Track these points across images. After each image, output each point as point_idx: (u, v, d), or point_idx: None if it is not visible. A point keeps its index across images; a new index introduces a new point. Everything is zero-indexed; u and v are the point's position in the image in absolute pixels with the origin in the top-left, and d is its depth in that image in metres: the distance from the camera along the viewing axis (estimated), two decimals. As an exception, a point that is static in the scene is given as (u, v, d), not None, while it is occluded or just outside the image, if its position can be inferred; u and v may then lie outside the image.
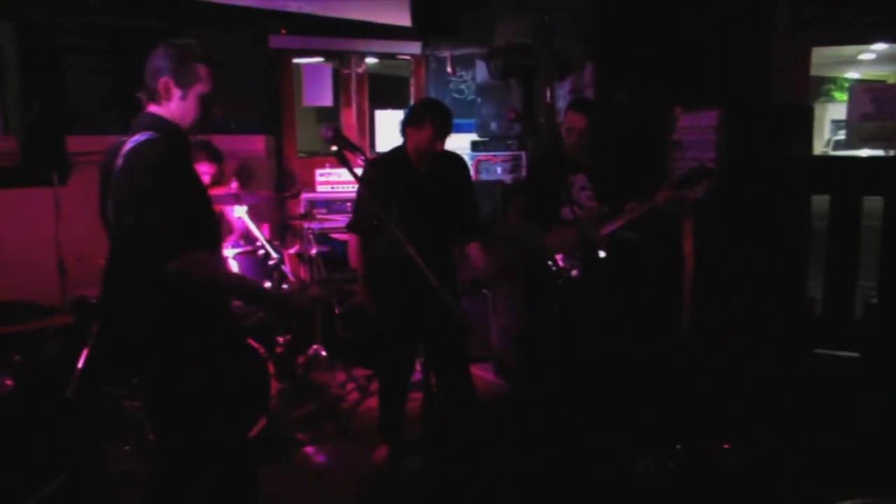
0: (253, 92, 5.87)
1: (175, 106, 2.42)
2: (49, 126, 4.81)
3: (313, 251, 4.81)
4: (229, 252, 4.23)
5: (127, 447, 3.58)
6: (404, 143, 3.42)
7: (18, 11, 4.65)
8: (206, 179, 4.61)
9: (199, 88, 2.43)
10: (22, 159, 4.66)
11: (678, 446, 3.51)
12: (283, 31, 5.83)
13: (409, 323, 3.46)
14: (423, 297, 3.19)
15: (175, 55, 2.40)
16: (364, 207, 3.50)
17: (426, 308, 3.21)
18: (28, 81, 4.78)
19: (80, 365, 3.67)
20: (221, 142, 4.58)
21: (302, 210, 5.27)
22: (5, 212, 4.53)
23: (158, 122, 2.40)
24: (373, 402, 4.46)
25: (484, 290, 5.09)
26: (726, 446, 3.46)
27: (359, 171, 2.70)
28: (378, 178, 3.30)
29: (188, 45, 2.43)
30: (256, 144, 5.91)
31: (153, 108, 2.43)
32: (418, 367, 3.83)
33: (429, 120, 3.24)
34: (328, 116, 6.88)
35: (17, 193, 4.61)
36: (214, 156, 4.42)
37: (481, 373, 4.85)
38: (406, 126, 3.36)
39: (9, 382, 3.22)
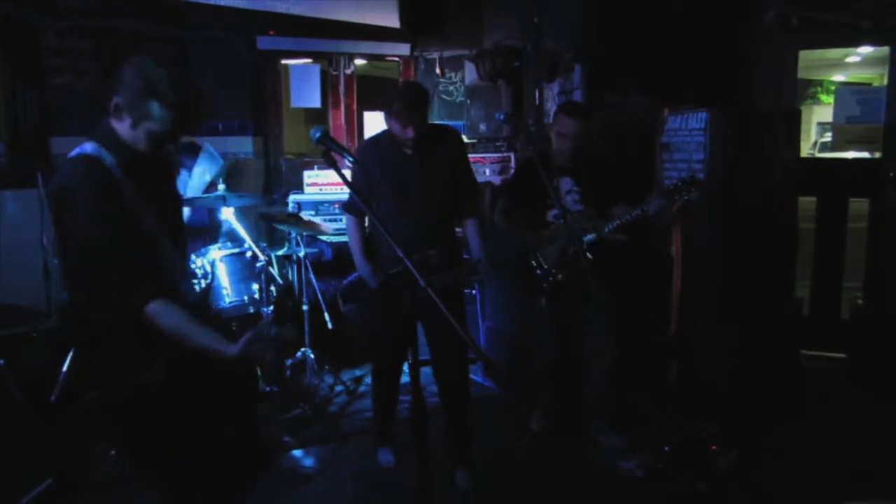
0: (241, 93, 5.87)
1: (125, 130, 2.26)
2: (34, 128, 4.77)
3: (301, 253, 4.79)
4: (216, 254, 4.20)
5: (113, 451, 3.55)
6: None
7: (1, 12, 4.61)
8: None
9: (150, 126, 2.24)
10: (7, 161, 4.62)
11: (666, 448, 3.52)
12: (272, 32, 5.82)
13: (403, 319, 3.38)
14: (418, 292, 3.15)
15: (133, 86, 2.20)
16: (357, 188, 3.45)
17: (422, 304, 3.18)
18: (12, 83, 4.74)
19: (64, 369, 3.65)
20: (209, 143, 4.56)
21: (290, 211, 5.25)
22: (-10, 214, 4.50)
23: (110, 138, 2.26)
24: (361, 404, 4.45)
25: (473, 292, 5.09)
26: (714, 448, 3.47)
27: (346, 173, 2.67)
28: (370, 157, 3.27)
29: (152, 79, 2.22)
30: (244, 146, 5.89)
31: (112, 121, 2.27)
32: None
33: (395, 105, 3.15)
34: (317, 118, 6.85)
35: (3, 196, 4.57)
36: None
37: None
38: (384, 110, 3.33)
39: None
